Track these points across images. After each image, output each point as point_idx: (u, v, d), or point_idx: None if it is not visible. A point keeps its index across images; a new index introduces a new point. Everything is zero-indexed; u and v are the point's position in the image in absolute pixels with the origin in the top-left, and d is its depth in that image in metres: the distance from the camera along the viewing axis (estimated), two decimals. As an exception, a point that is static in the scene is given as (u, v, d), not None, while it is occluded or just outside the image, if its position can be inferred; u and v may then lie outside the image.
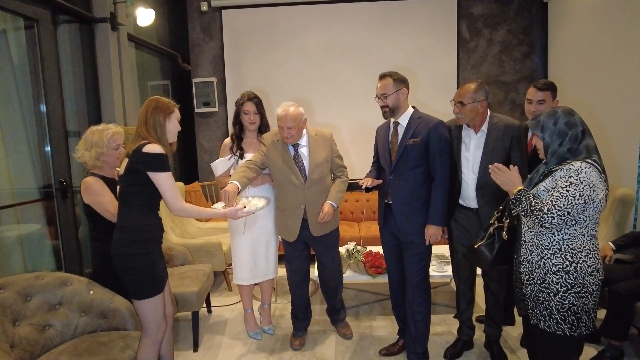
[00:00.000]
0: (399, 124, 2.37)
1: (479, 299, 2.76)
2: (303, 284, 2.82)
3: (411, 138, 2.30)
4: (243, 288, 2.87)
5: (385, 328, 3.00)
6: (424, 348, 2.48)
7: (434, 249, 2.54)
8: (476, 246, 1.95)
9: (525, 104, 2.59)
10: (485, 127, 2.30)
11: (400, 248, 2.46)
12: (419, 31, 4.69)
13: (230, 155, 2.70)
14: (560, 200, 1.58)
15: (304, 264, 2.78)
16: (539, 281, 1.71)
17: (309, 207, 2.59)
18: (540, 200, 1.64)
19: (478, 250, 1.93)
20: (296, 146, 2.60)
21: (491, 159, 2.25)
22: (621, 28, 3.34)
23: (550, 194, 1.62)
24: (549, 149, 1.69)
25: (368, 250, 3.30)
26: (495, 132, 2.26)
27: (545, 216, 1.59)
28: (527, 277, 1.76)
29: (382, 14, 4.69)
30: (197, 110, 4.93)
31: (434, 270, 3.04)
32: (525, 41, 4.69)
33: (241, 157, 2.68)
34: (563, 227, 1.63)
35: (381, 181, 2.46)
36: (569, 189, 1.57)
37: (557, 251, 1.66)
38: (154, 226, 1.92)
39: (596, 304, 1.69)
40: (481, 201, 2.30)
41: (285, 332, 2.98)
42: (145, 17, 3.92)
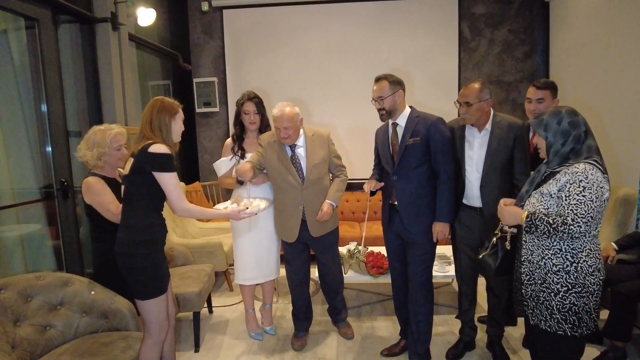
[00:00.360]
0: (397, 124, 2.37)
1: (480, 300, 2.75)
2: (303, 284, 2.81)
3: (411, 137, 2.30)
4: (245, 288, 2.87)
5: (387, 328, 2.99)
6: (425, 348, 2.47)
7: (436, 249, 2.54)
8: (480, 257, 1.96)
9: (525, 103, 2.58)
10: (489, 126, 2.30)
11: (404, 248, 2.46)
12: (419, 31, 4.68)
13: (232, 156, 2.70)
14: (580, 208, 1.56)
15: (304, 264, 2.78)
16: (539, 281, 1.70)
17: (307, 207, 2.57)
18: (556, 214, 1.62)
19: (482, 260, 1.94)
20: (293, 146, 2.58)
21: (495, 158, 2.26)
22: (622, 28, 3.33)
23: (566, 203, 1.59)
24: (552, 148, 1.68)
25: (369, 250, 3.29)
26: (499, 131, 2.26)
27: (572, 227, 1.56)
28: (528, 277, 1.75)
29: (383, 13, 4.68)
30: (197, 110, 4.93)
31: (436, 271, 3.02)
32: (526, 41, 4.69)
33: (242, 157, 2.68)
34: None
35: (383, 184, 2.47)
36: (585, 194, 1.56)
37: (557, 251, 1.66)
38: (158, 226, 1.93)
39: (597, 303, 1.68)
40: (485, 200, 2.29)
41: (286, 332, 2.97)
42: (146, 17, 3.91)
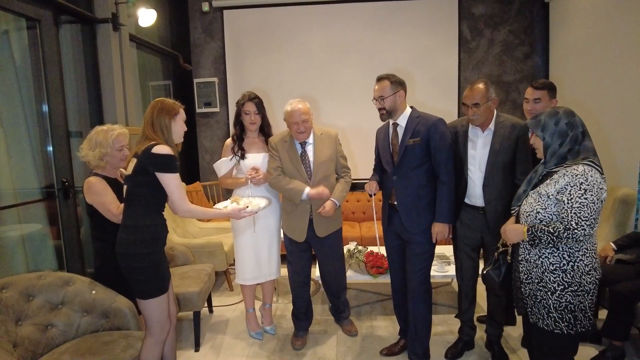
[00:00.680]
0: (398, 125, 2.38)
1: (479, 299, 2.76)
2: (305, 285, 2.82)
3: (411, 138, 2.30)
4: (245, 288, 2.88)
5: (387, 328, 3.00)
6: (424, 348, 2.47)
7: (435, 249, 2.54)
8: (484, 272, 1.99)
9: (523, 103, 2.60)
10: (492, 125, 2.31)
11: (404, 248, 2.46)
12: (420, 31, 4.69)
13: (232, 156, 2.71)
14: (583, 211, 1.57)
15: (306, 264, 2.79)
16: (536, 280, 1.72)
17: (314, 206, 2.61)
18: (557, 221, 1.63)
19: (487, 275, 1.97)
20: (304, 144, 2.63)
21: (498, 157, 2.27)
22: (622, 28, 3.34)
23: (568, 206, 1.59)
24: (549, 149, 1.69)
25: (369, 250, 3.30)
26: (502, 131, 2.28)
27: (577, 231, 1.57)
28: (526, 276, 1.77)
29: (384, 14, 4.69)
30: (198, 110, 4.93)
31: (435, 271, 3.04)
32: (526, 41, 4.69)
33: (242, 157, 2.69)
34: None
35: (379, 190, 2.49)
36: (586, 197, 1.57)
37: (554, 250, 1.67)
38: (160, 226, 1.94)
39: (593, 302, 1.69)
40: (487, 199, 2.31)
41: (286, 332, 2.98)
42: (147, 18, 3.93)
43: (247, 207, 2.14)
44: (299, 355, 2.69)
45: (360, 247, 3.34)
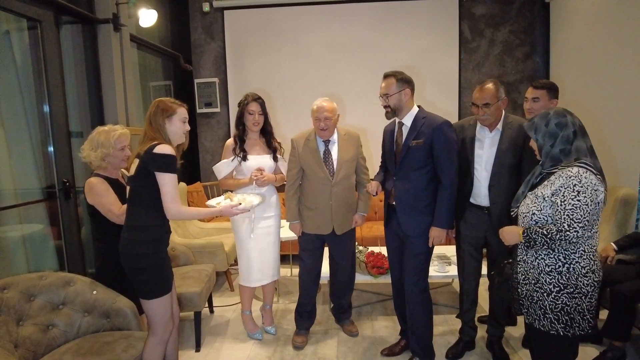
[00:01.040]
0: (403, 124, 2.36)
1: (480, 300, 2.76)
2: (314, 283, 2.86)
3: (414, 139, 2.28)
4: (246, 290, 2.86)
5: (387, 328, 3.00)
6: (423, 347, 2.46)
7: (435, 249, 2.55)
8: (496, 288, 1.99)
9: (524, 103, 2.60)
10: (500, 126, 2.32)
11: (403, 248, 2.45)
12: (420, 31, 4.69)
13: (233, 157, 2.70)
14: (576, 212, 1.57)
15: (318, 263, 2.83)
16: (533, 281, 1.72)
17: (334, 203, 2.65)
18: (551, 224, 1.64)
19: (498, 291, 1.97)
20: (327, 142, 2.69)
21: (505, 157, 2.27)
22: (623, 28, 3.34)
23: (562, 208, 1.59)
24: (543, 150, 1.71)
25: (370, 250, 3.30)
26: (509, 132, 2.28)
27: (569, 233, 1.58)
28: (523, 276, 1.77)
29: (384, 14, 4.69)
30: (199, 110, 4.94)
31: (436, 271, 3.04)
32: (526, 41, 4.69)
33: (244, 158, 2.68)
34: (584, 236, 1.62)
35: (382, 190, 2.49)
36: (579, 198, 1.57)
37: (550, 252, 1.67)
38: (162, 227, 1.94)
39: (593, 305, 1.67)
40: (493, 199, 2.31)
41: (286, 332, 2.98)
42: (148, 18, 3.93)
43: (240, 204, 2.10)
44: (299, 356, 2.69)
45: (360, 247, 3.34)
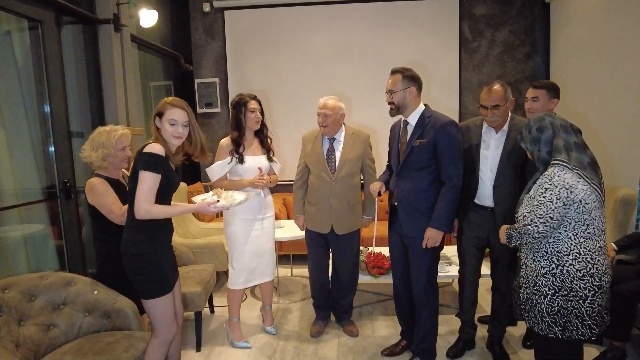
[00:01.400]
0: (408, 123, 2.33)
1: (481, 300, 2.76)
2: (321, 280, 2.90)
3: (418, 139, 2.25)
4: (236, 295, 2.77)
5: (387, 328, 3.00)
6: (426, 348, 2.46)
7: (439, 251, 2.48)
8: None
9: (524, 103, 2.61)
10: (506, 127, 2.32)
11: (406, 249, 2.42)
12: (420, 32, 4.69)
13: (230, 159, 2.63)
14: (539, 209, 1.61)
15: (323, 259, 2.87)
16: (532, 284, 1.73)
17: (334, 201, 2.65)
18: (519, 220, 1.71)
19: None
20: (332, 140, 2.73)
21: (510, 159, 2.28)
22: (623, 28, 3.34)
23: (530, 204, 1.66)
24: (534, 156, 1.76)
25: (370, 250, 3.30)
26: (515, 133, 2.27)
27: (530, 227, 1.64)
28: (524, 280, 1.78)
29: (385, 14, 4.69)
30: (199, 110, 4.94)
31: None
32: (527, 42, 4.70)
33: (241, 161, 2.62)
34: (551, 233, 1.64)
35: (386, 191, 2.48)
36: (545, 195, 1.60)
37: (544, 254, 1.68)
38: (161, 226, 1.93)
39: (595, 310, 1.62)
40: (497, 200, 2.31)
41: (287, 332, 2.99)
42: (148, 18, 3.93)
43: (218, 200, 1.99)
44: (300, 356, 2.69)
45: (361, 248, 3.34)
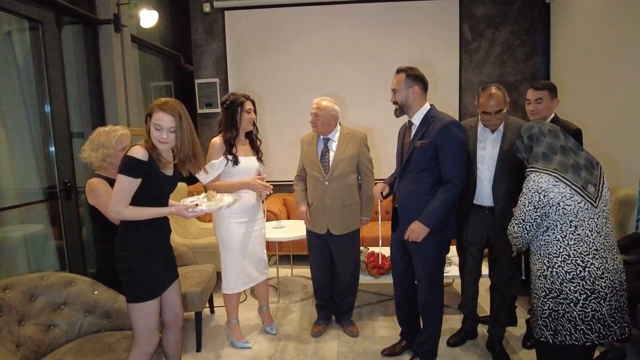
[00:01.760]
0: (412, 123, 2.32)
1: (481, 300, 2.77)
2: (322, 280, 2.90)
3: (420, 139, 2.23)
4: (231, 297, 2.75)
5: (388, 329, 3.00)
6: (428, 349, 2.45)
7: (443, 254, 2.43)
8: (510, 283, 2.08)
9: (526, 106, 2.61)
10: (501, 127, 2.34)
11: (407, 251, 2.39)
12: (421, 32, 4.69)
13: (226, 161, 2.58)
14: (516, 212, 1.73)
15: (324, 260, 2.86)
16: (532, 287, 1.75)
17: (329, 202, 2.65)
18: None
19: (513, 285, 2.07)
20: (327, 141, 2.75)
21: (507, 158, 2.29)
22: (624, 29, 3.34)
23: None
24: (529, 163, 1.79)
25: (370, 250, 3.31)
26: (511, 133, 2.29)
27: (509, 227, 1.77)
28: (532, 284, 1.78)
29: (385, 15, 4.70)
30: (199, 111, 4.95)
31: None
32: (527, 42, 4.70)
33: (235, 162, 2.58)
34: (526, 235, 1.71)
35: (389, 192, 2.48)
36: (521, 200, 1.70)
37: (539, 257, 1.70)
38: (151, 228, 1.87)
39: (587, 315, 1.57)
40: (496, 199, 2.32)
41: (287, 332, 2.99)
42: (149, 19, 3.93)
43: (197, 205, 1.92)
44: (300, 356, 2.69)
45: (361, 248, 3.34)
